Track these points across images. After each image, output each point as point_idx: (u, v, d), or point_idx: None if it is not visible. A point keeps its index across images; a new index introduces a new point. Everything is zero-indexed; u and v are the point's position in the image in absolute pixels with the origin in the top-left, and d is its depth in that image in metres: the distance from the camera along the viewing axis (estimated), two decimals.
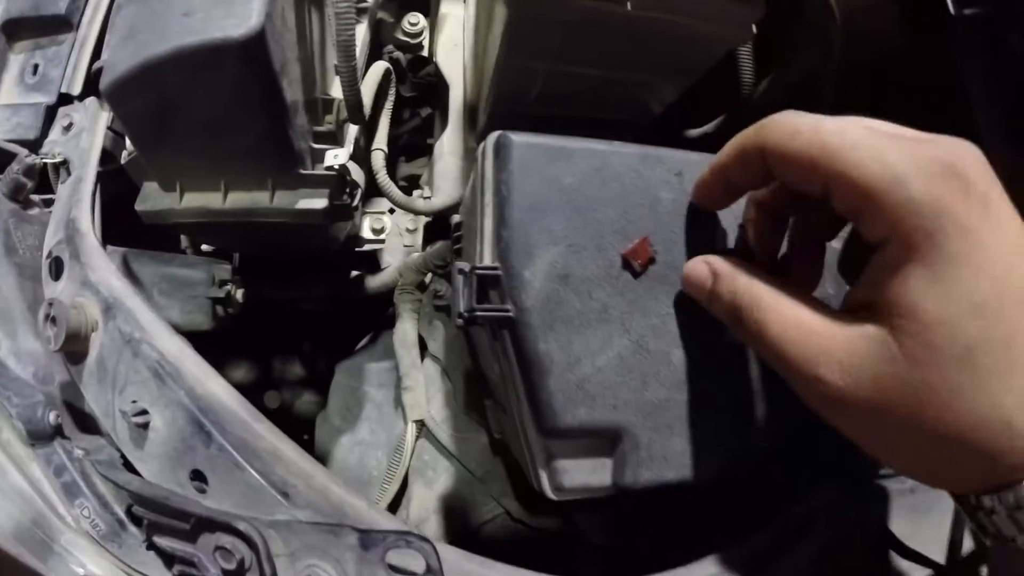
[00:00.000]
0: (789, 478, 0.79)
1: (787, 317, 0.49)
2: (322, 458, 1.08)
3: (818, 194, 0.45)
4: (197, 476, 0.68)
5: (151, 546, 0.70)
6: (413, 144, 1.28)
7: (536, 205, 0.59)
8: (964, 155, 0.42)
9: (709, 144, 1.06)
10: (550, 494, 0.65)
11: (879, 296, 0.43)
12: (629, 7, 0.69)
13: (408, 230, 1.17)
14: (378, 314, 1.19)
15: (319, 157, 0.86)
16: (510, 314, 0.58)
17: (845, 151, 0.42)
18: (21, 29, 1.02)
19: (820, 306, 0.48)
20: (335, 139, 0.88)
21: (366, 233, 1.14)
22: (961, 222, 0.39)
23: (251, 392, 1.31)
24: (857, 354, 0.44)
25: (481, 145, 0.63)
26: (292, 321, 1.35)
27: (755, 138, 0.49)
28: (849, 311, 0.46)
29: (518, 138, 0.60)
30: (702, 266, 0.58)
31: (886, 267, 0.42)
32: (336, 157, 0.85)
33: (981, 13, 0.83)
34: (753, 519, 0.78)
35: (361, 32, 0.99)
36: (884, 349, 0.42)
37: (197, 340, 0.90)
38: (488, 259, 0.60)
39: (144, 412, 0.71)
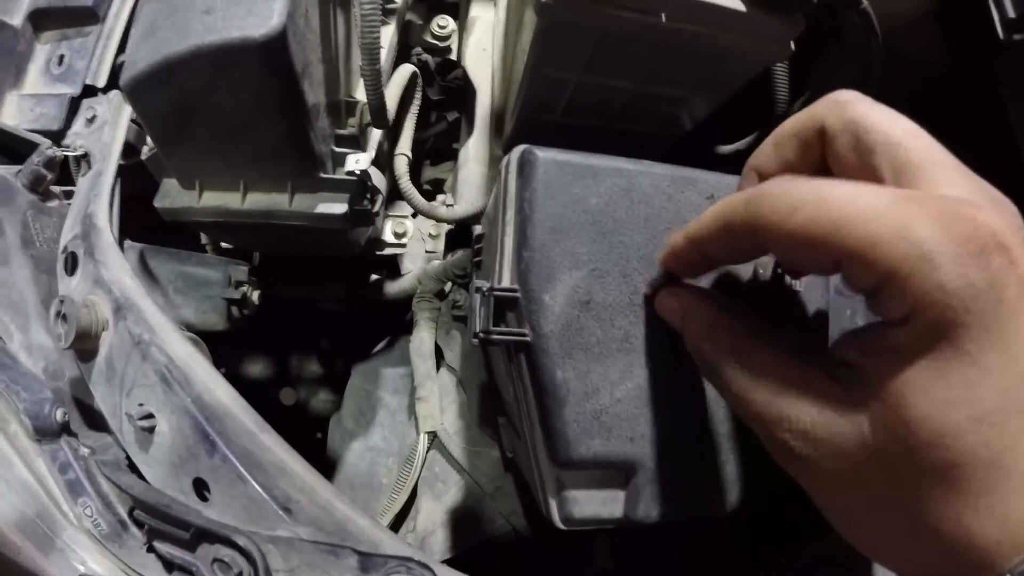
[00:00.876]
0: (797, 521, 0.77)
1: (753, 367, 0.43)
2: (333, 460, 1.07)
3: (828, 272, 0.39)
4: (200, 484, 0.67)
5: (151, 549, 0.69)
6: (439, 148, 1.26)
7: (560, 226, 0.57)
8: (1009, 226, 0.35)
9: (740, 161, 1.04)
10: (559, 524, 0.64)
11: (873, 372, 0.37)
12: (664, 19, 0.67)
13: (431, 235, 1.15)
14: (397, 317, 1.18)
15: (340, 161, 0.85)
16: (527, 339, 0.56)
17: (859, 224, 0.34)
18: (48, 19, 1.02)
19: (792, 357, 0.42)
20: (357, 143, 0.86)
21: (388, 237, 1.13)
22: (987, 315, 0.33)
23: (267, 388, 1.31)
24: (824, 426, 0.39)
25: (505, 159, 0.61)
26: (311, 319, 1.34)
27: (745, 213, 0.41)
28: (831, 363, 0.40)
29: (544, 154, 0.57)
30: (671, 300, 0.53)
31: (891, 348, 0.36)
32: (357, 162, 0.83)
33: None
34: (759, 558, 0.76)
35: (388, 34, 0.98)
36: (857, 432, 0.37)
37: (216, 335, 0.89)
38: (507, 280, 0.58)
39: (150, 416, 0.69)
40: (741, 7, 0.67)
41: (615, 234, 0.58)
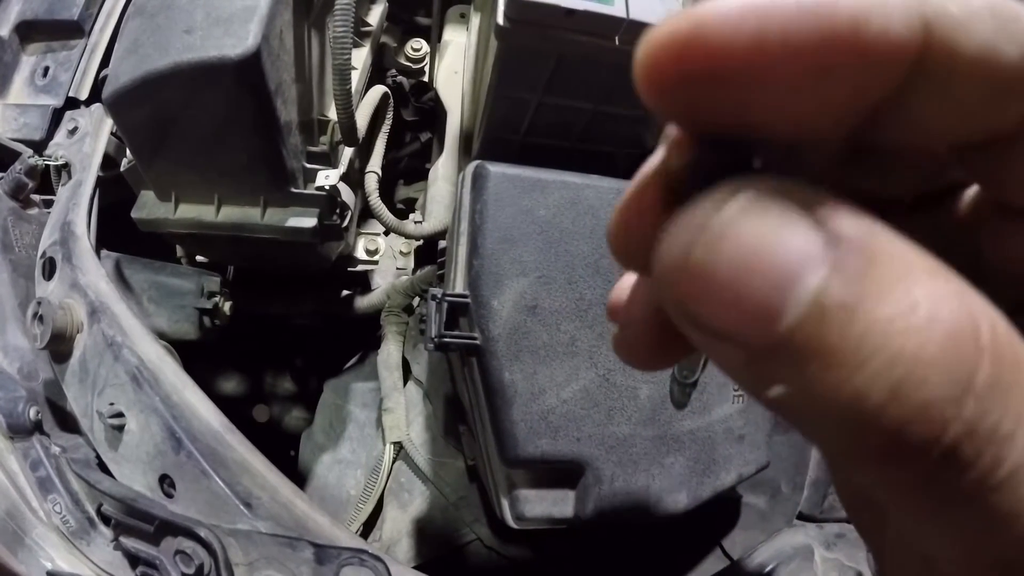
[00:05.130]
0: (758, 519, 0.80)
1: None
2: (304, 474, 1.09)
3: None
4: (166, 481, 0.69)
5: (118, 546, 0.71)
6: (413, 168, 1.29)
7: (508, 236, 0.60)
8: None
9: None
10: (511, 522, 0.66)
11: None
12: (617, 42, 0.70)
13: (402, 252, 1.18)
14: (369, 333, 1.20)
15: (311, 177, 0.88)
16: (477, 342, 0.59)
17: None
18: (35, 31, 1.05)
19: None
20: (328, 160, 0.89)
21: (360, 254, 1.16)
22: None
23: (241, 404, 1.32)
24: None
25: (461, 174, 0.65)
26: (285, 336, 1.36)
27: None
28: None
29: (495, 169, 0.61)
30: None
31: None
32: (327, 178, 0.86)
33: None
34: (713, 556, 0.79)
35: (362, 56, 1.01)
36: None
37: (189, 350, 0.91)
38: (460, 286, 0.62)
39: (120, 415, 0.72)
40: None
41: (562, 243, 0.61)
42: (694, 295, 0.16)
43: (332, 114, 0.92)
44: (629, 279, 0.26)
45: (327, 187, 0.86)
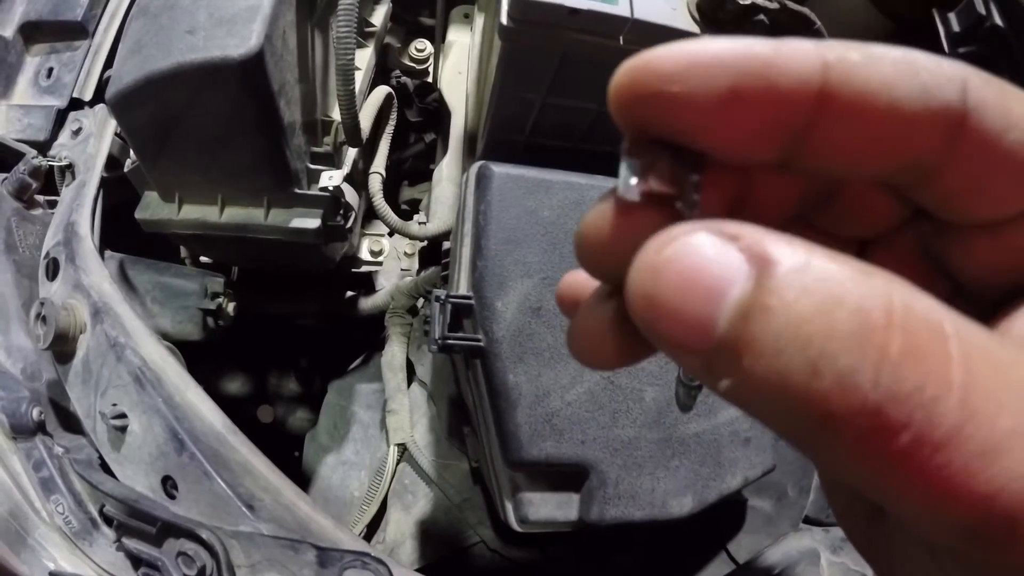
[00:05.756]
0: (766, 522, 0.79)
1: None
2: (308, 476, 1.08)
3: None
4: (168, 483, 0.69)
5: (120, 547, 0.70)
6: (417, 169, 1.29)
7: (512, 237, 0.60)
8: None
9: None
10: (515, 525, 0.66)
11: None
12: (622, 41, 0.70)
13: (406, 253, 1.18)
14: (374, 334, 1.20)
15: (315, 178, 0.88)
16: (481, 344, 0.59)
17: None
18: (39, 32, 1.05)
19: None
20: (332, 161, 0.89)
21: (364, 255, 1.16)
22: None
23: (246, 405, 1.32)
24: None
25: (465, 175, 0.65)
26: (289, 337, 1.36)
27: None
28: None
29: (499, 169, 0.61)
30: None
31: None
32: (331, 179, 0.86)
33: (975, 51, 0.82)
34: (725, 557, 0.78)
35: (366, 56, 1.01)
36: None
37: (192, 351, 0.91)
38: (464, 288, 0.61)
39: (123, 416, 0.72)
40: (696, 29, 0.70)
41: (566, 244, 0.61)
42: (652, 318, 0.20)
43: (336, 115, 0.92)
44: (578, 274, 0.29)
45: (331, 188, 0.86)
